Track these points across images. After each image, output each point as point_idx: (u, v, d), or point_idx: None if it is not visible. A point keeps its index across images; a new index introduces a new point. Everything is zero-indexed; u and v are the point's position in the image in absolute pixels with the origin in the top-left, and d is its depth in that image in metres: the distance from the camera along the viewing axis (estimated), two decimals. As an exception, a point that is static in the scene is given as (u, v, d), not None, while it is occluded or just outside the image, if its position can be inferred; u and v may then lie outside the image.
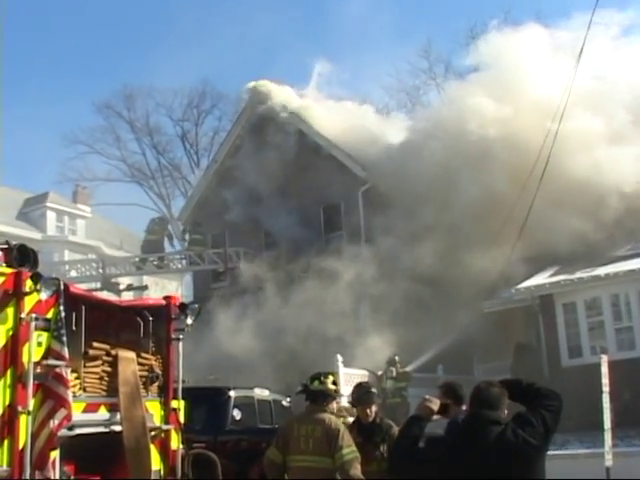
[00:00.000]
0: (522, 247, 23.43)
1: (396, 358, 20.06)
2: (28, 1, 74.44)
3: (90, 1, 77.59)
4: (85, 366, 7.51)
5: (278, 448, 7.75)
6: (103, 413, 7.69)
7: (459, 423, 5.40)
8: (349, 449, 7.39)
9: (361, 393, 8.21)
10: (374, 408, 8.10)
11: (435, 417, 5.46)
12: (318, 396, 7.78)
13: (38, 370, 6.63)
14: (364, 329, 25.26)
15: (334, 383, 7.91)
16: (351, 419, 8.68)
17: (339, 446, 7.35)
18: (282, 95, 30.97)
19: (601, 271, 21.54)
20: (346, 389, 18.78)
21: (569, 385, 18.47)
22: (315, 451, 7.45)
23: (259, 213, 28.38)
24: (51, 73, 78.87)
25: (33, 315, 6.61)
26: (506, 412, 5.06)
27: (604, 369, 13.26)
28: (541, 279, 22.90)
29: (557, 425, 4.99)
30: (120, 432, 7.59)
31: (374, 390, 8.47)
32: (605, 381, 13.22)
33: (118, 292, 31.27)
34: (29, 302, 6.66)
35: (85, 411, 7.43)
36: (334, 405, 7.93)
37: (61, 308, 6.86)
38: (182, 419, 8.64)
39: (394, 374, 19.49)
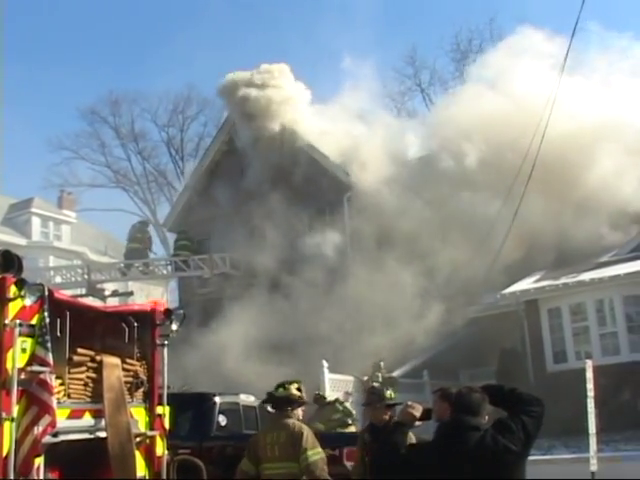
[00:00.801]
0: (507, 252, 23.56)
1: (381, 364, 20.05)
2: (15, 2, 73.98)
3: (76, 5, 77.18)
4: (70, 372, 7.48)
5: (250, 459, 7.82)
6: (88, 419, 7.66)
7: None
8: (313, 450, 7.45)
9: (369, 396, 8.51)
10: (382, 411, 8.27)
11: (417, 423, 5.47)
12: (282, 402, 7.87)
13: (22, 376, 6.59)
14: (350, 335, 25.29)
15: (299, 389, 7.96)
16: (349, 420, 8.78)
17: (303, 448, 7.43)
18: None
19: (586, 276, 21.61)
20: (332, 395, 18.91)
21: (554, 390, 18.53)
22: (282, 457, 7.53)
23: (245, 218, 28.35)
24: (37, 77, 78.29)
25: (17, 321, 6.58)
26: (487, 418, 5.07)
27: (589, 374, 13.29)
28: (526, 284, 22.96)
29: (538, 431, 5.00)
30: (105, 438, 7.56)
31: (386, 394, 8.61)
32: (590, 386, 13.24)
33: (103, 298, 31.17)
34: (13, 308, 6.63)
35: (70, 417, 7.40)
36: (299, 412, 7.97)
37: (45, 314, 6.83)
38: (167, 425, 8.62)
39: (380, 379, 19.47)
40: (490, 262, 24.01)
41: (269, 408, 8.26)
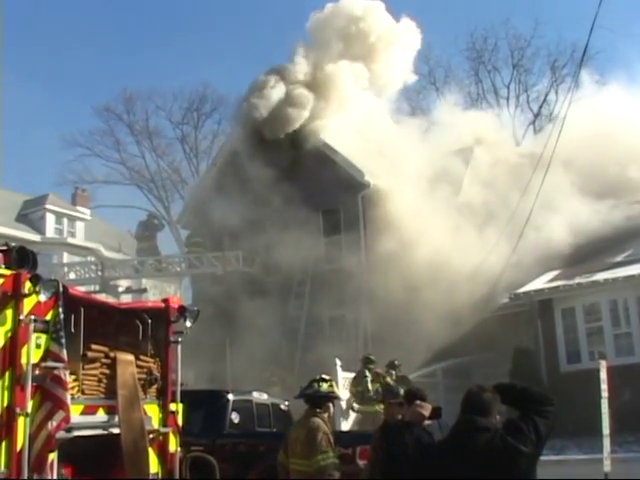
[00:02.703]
0: (521, 251, 23.53)
1: (396, 362, 19.95)
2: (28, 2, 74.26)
3: (90, 3, 77.45)
4: (84, 368, 7.52)
5: (284, 450, 7.93)
6: (101, 415, 7.69)
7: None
8: (324, 455, 7.51)
9: (383, 392, 8.54)
10: (396, 407, 8.29)
11: (427, 422, 5.43)
12: (312, 400, 7.93)
13: (36, 372, 6.63)
14: (366, 334, 25.34)
15: (330, 386, 8.00)
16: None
17: (315, 451, 7.50)
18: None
19: (600, 276, 21.51)
20: (344, 393, 18.89)
21: (567, 390, 18.46)
22: (303, 454, 7.63)
23: (258, 216, 28.33)
24: (51, 74, 78.51)
25: (32, 317, 6.62)
26: (498, 417, 5.03)
27: (603, 375, 13.26)
28: (540, 284, 22.87)
29: (551, 431, 4.93)
30: (118, 434, 7.59)
31: (399, 391, 8.62)
32: (604, 387, 13.22)
33: (117, 295, 31.26)
34: (28, 304, 6.66)
35: (83, 413, 7.43)
36: (330, 408, 8.01)
37: (60, 310, 6.87)
38: (180, 422, 8.64)
39: (393, 377, 19.38)
40: (505, 260, 23.99)
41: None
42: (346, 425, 19.06)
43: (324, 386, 7.93)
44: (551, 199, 23.66)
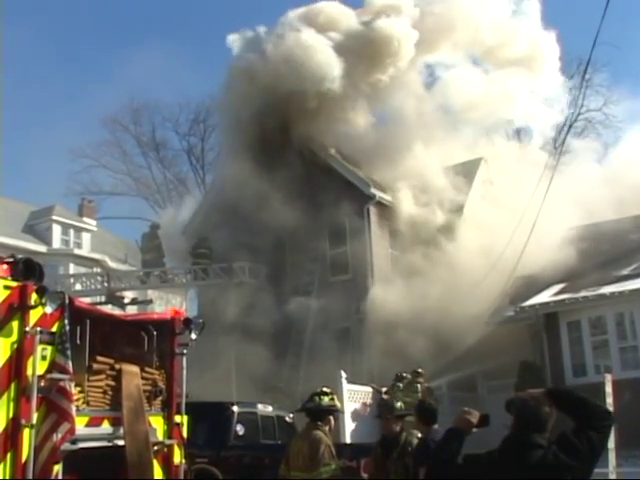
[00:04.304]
0: (525, 265, 23.54)
1: (420, 370, 19.67)
2: (34, 6, 74.59)
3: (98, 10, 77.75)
4: (89, 380, 7.52)
5: (286, 463, 7.98)
6: (106, 427, 7.69)
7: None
8: (326, 467, 7.57)
9: (379, 407, 8.57)
10: (393, 422, 8.31)
11: (474, 430, 5.22)
12: (313, 413, 7.97)
13: (42, 383, 6.64)
14: (371, 345, 25.31)
15: (331, 399, 8.01)
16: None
17: (318, 463, 7.54)
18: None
19: (606, 290, 21.50)
20: (350, 406, 18.85)
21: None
22: (305, 467, 7.68)
23: (264, 228, 28.34)
24: (58, 85, 78.76)
25: (38, 329, 6.63)
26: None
27: (608, 388, 13.21)
28: (545, 297, 22.86)
29: (605, 446, 4.77)
30: (123, 446, 7.59)
31: (395, 405, 8.62)
32: (609, 400, 13.16)
33: (122, 306, 31.24)
34: (34, 315, 6.68)
35: (88, 425, 7.43)
36: (331, 421, 8.03)
37: (66, 322, 6.88)
38: (185, 434, 8.64)
39: (419, 390, 19.16)
40: (509, 274, 24.00)
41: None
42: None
43: (325, 399, 7.95)
44: (555, 210, 23.68)
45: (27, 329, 6.58)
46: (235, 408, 13.74)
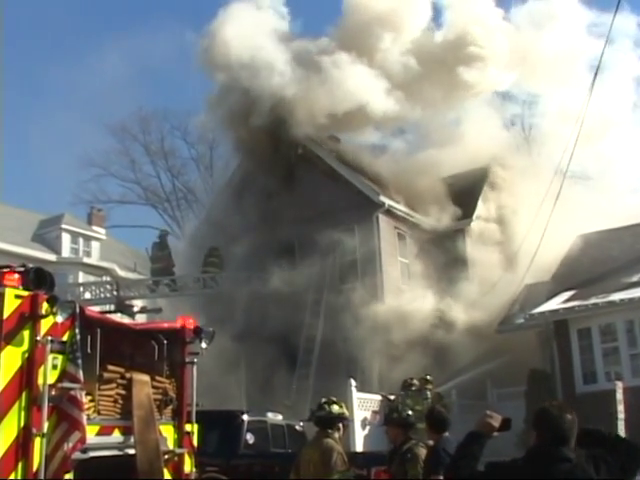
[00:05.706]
0: (535, 272, 23.52)
1: (428, 377, 19.59)
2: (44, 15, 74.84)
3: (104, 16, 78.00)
4: (100, 389, 7.54)
5: (295, 472, 7.94)
6: (117, 436, 7.71)
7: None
8: (338, 475, 7.51)
9: (386, 414, 8.60)
10: (395, 431, 8.32)
11: (495, 434, 5.07)
12: (322, 422, 7.96)
13: (53, 392, 6.66)
14: (381, 354, 25.25)
15: (341, 407, 8.02)
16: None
17: (331, 471, 7.52)
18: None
19: (616, 297, 21.43)
20: (360, 414, 18.83)
21: (583, 411, 18.27)
22: (316, 475, 7.64)
23: (273, 236, 28.37)
24: (67, 91, 79.00)
25: (49, 338, 6.66)
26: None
27: (619, 396, 13.23)
28: (555, 304, 22.80)
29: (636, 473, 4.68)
30: (134, 455, 7.59)
31: (401, 414, 8.62)
32: (620, 408, 13.17)
33: (132, 314, 31.18)
34: (45, 325, 6.70)
35: (99, 434, 7.45)
36: (340, 428, 8.03)
37: (76, 331, 6.90)
38: (195, 442, 8.65)
39: (428, 396, 19.09)
40: (519, 281, 23.98)
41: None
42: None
43: (335, 408, 7.96)
44: (566, 217, 23.65)
45: (38, 338, 6.61)
46: (245, 417, 13.74)
